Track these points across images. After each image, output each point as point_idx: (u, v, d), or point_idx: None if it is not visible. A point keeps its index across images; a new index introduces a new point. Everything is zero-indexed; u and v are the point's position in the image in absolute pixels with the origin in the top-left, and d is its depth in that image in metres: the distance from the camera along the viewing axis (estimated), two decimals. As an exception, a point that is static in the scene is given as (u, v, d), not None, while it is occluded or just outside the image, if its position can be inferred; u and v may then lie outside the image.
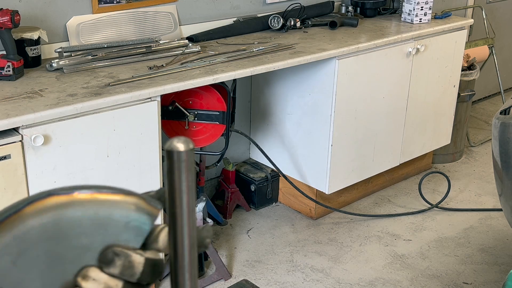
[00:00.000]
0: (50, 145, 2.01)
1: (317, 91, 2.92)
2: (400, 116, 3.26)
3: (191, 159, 0.53)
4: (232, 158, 3.28)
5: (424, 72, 3.28)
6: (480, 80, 4.37)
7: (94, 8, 2.59)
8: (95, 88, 2.18)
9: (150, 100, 2.23)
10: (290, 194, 3.29)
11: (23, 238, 0.56)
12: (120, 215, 0.58)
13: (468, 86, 3.75)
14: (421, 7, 3.29)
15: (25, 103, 2.01)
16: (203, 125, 2.65)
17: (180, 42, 2.67)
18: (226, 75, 2.41)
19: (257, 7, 3.17)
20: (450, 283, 2.73)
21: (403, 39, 3.08)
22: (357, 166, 3.13)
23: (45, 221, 0.56)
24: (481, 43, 4.20)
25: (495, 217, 3.27)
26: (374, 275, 2.77)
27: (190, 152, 0.53)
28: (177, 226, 0.55)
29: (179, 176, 0.53)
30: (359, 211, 3.30)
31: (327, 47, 2.80)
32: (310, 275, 2.77)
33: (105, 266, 0.55)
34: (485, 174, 3.76)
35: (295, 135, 3.09)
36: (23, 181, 1.98)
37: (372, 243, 3.02)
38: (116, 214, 0.58)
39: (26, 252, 0.56)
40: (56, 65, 2.33)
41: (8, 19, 2.18)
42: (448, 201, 3.42)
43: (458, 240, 3.06)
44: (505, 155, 2.38)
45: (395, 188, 3.56)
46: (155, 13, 2.78)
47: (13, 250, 0.55)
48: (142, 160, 2.27)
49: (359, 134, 3.06)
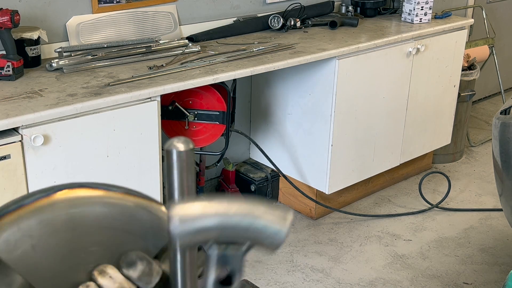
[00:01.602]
0: (50, 145, 2.01)
1: (317, 91, 2.91)
2: (400, 116, 3.25)
3: (191, 159, 0.53)
4: (232, 158, 3.28)
5: (424, 72, 3.28)
6: (480, 80, 4.37)
7: (94, 8, 2.58)
8: (95, 88, 2.17)
9: (150, 100, 2.23)
10: (290, 194, 3.29)
11: (48, 224, 0.56)
12: (146, 219, 0.58)
13: (469, 86, 3.74)
14: (421, 7, 3.28)
15: (25, 103, 2.01)
16: (203, 125, 2.65)
17: (180, 42, 2.67)
18: (226, 75, 2.41)
19: (257, 7, 3.17)
20: (450, 283, 2.73)
21: (403, 39, 3.08)
22: (357, 166, 3.12)
23: (72, 212, 0.56)
24: (481, 43, 4.20)
25: (496, 217, 3.27)
26: (374, 275, 2.77)
27: (190, 152, 0.53)
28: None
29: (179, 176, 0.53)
30: (359, 211, 3.29)
31: (327, 47, 2.79)
32: (310, 275, 2.76)
33: (126, 267, 0.55)
34: (486, 174, 3.76)
35: (295, 135, 3.09)
36: (23, 181, 1.98)
37: (372, 243, 3.02)
38: (142, 217, 0.58)
39: (48, 239, 0.56)
40: (56, 65, 2.33)
41: (8, 19, 2.18)
42: (448, 201, 3.41)
43: (458, 240, 3.06)
44: (505, 155, 2.38)
45: (395, 188, 3.56)
46: (155, 13, 2.77)
47: (35, 233, 0.55)
48: (142, 160, 2.27)
49: (359, 134, 3.05)
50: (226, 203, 0.55)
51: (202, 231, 0.53)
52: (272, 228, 0.56)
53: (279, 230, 0.56)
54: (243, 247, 0.58)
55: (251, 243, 0.58)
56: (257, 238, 0.57)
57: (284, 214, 0.57)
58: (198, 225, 0.53)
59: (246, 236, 0.56)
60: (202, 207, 0.54)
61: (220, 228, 0.54)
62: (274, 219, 0.56)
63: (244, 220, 0.55)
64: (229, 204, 0.55)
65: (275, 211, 0.57)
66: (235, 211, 0.55)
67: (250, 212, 0.55)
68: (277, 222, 0.56)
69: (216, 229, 0.54)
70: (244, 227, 0.56)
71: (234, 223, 0.55)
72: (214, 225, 0.55)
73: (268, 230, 0.56)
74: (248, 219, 0.56)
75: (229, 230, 0.55)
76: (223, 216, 0.54)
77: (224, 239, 0.56)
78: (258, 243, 0.57)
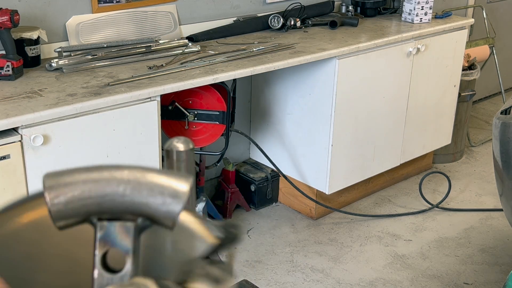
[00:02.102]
0: (50, 145, 2.01)
1: (317, 91, 2.91)
2: (401, 116, 3.25)
3: (191, 159, 0.52)
4: (232, 158, 3.28)
5: (424, 72, 3.28)
6: (481, 80, 4.36)
7: (94, 7, 2.58)
8: (95, 88, 2.17)
9: (150, 100, 2.22)
10: (290, 194, 3.28)
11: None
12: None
13: (469, 86, 3.74)
14: (422, 7, 3.28)
15: (25, 103, 2.01)
16: (203, 125, 2.65)
17: (180, 42, 2.67)
18: (226, 75, 2.40)
19: (257, 6, 3.17)
20: (450, 283, 2.73)
21: (403, 39, 3.08)
22: (357, 166, 3.12)
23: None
24: (482, 42, 4.20)
25: (496, 217, 3.26)
26: (375, 275, 2.77)
27: (189, 152, 0.52)
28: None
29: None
30: (360, 211, 3.29)
31: (327, 47, 2.79)
32: (310, 275, 2.76)
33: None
34: (486, 174, 3.75)
35: (295, 135, 3.09)
36: (23, 181, 1.98)
37: (372, 243, 3.01)
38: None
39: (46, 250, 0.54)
40: (56, 65, 2.32)
41: (7, 19, 2.17)
42: (448, 201, 3.41)
43: (458, 240, 3.06)
44: (506, 155, 2.37)
45: (395, 188, 3.56)
46: (155, 13, 2.77)
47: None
48: (142, 160, 2.26)
49: (359, 134, 3.05)
50: (107, 171, 0.50)
51: (79, 206, 0.49)
52: (164, 202, 0.50)
53: (171, 206, 0.50)
54: (132, 224, 0.52)
55: (142, 220, 0.51)
56: (147, 213, 0.50)
57: (179, 185, 0.50)
58: (74, 199, 0.48)
59: (132, 211, 0.51)
60: (78, 178, 0.49)
61: (97, 199, 0.49)
62: (165, 191, 0.50)
63: (126, 191, 0.49)
64: (109, 172, 0.50)
65: (171, 181, 0.50)
66: (114, 179, 0.49)
67: (135, 179, 0.49)
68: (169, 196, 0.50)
69: (93, 200, 0.49)
70: (129, 200, 0.50)
71: (114, 194, 0.49)
72: (91, 198, 0.49)
73: (159, 205, 0.50)
74: (132, 190, 0.50)
75: (108, 202, 0.49)
76: (101, 188, 0.49)
77: (106, 213, 0.51)
78: (150, 219, 0.51)
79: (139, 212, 0.51)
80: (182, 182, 0.50)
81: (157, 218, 0.51)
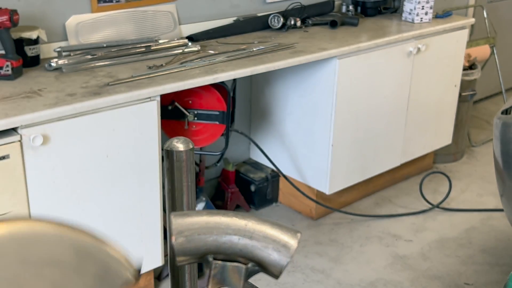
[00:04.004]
0: (49, 145, 2.00)
1: (318, 91, 2.90)
2: (401, 116, 3.24)
3: (190, 159, 0.52)
4: (232, 158, 3.27)
5: (425, 71, 3.27)
6: (482, 79, 4.35)
7: (93, 7, 2.57)
8: (94, 88, 2.16)
9: (149, 99, 2.22)
10: (290, 194, 3.28)
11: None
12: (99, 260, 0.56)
13: (470, 86, 3.74)
14: (422, 6, 3.27)
15: (24, 103, 2.00)
16: (203, 125, 2.64)
17: (179, 42, 2.66)
18: (226, 74, 2.40)
19: (257, 6, 3.16)
20: (451, 283, 2.72)
21: (404, 39, 3.07)
22: (358, 166, 3.11)
23: (24, 245, 0.54)
24: (482, 42, 4.19)
25: (497, 218, 3.26)
26: (375, 276, 2.76)
27: (189, 152, 0.52)
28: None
29: (179, 176, 0.52)
30: (360, 211, 3.29)
31: (327, 47, 2.78)
32: (310, 276, 2.75)
33: None
34: (487, 174, 3.75)
35: (295, 135, 3.08)
36: (22, 181, 1.97)
37: (373, 243, 3.01)
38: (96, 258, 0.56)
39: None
40: (55, 64, 2.32)
41: (6, 18, 2.17)
42: (449, 201, 3.40)
43: (459, 241, 3.05)
44: (507, 155, 2.36)
45: (396, 188, 3.55)
46: (155, 12, 2.77)
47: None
48: (142, 160, 2.26)
49: (360, 134, 3.04)
50: (229, 217, 0.54)
51: (200, 246, 0.52)
52: (274, 255, 0.56)
53: (280, 258, 0.56)
54: (243, 267, 0.57)
55: (253, 265, 0.56)
56: (258, 259, 0.56)
57: (289, 241, 0.56)
58: (196, 239, 0.52)
59: (245, 255, 0.55)
60: (201, 221, 0.53)
61: (217, 244, 0.53)
62: (276, 244, 0.55)
63: (244, 240, 0.54)
64: (231, 219, 0.54)
65: (282, 235, 0.56)
66: (235, 227, 0.54)
67: (253, 228, 0.54)
68: (279, 249, 0.56)
69: (213, 244, 0.53)
70: (244, 247, 0.55)
71: (232, 241, 0.54)
72: (212, 240, 0.53)
73: (270, 255, 0.56)
74: (250, 238, 0.54)
75: (226, 247, 0.54)
76: (222, 232, 0.53)
77: (223, 254, 0.55)
78: (260, 265, 0.56)
79: (252, 257, 0.55)
80: (292, 238, 0.57)
81: (266, 265, 0.57)
